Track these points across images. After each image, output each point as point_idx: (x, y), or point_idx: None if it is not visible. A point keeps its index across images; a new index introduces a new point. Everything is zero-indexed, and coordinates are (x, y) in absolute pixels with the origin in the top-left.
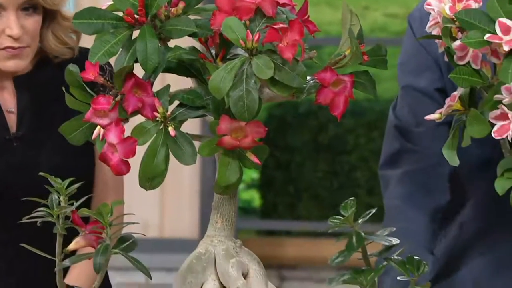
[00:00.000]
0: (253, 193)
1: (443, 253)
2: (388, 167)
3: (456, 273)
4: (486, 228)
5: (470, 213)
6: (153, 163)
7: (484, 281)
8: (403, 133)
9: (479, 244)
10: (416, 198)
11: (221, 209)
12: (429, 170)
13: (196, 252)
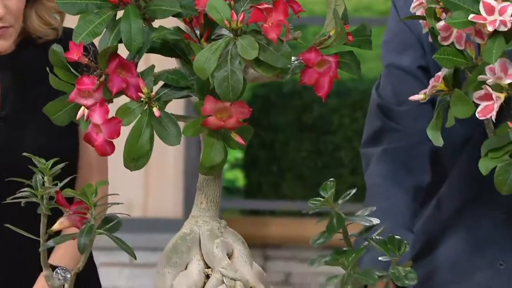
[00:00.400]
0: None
1: (422, 231)
2: (369, 145)
3: (435, 251)
4: (464, 206)
5: (448, 191)
6: (137, 144)
7: (462, 259)
8: (385, 112)
9: (458, 222)
10: (397, 176)
11: (206, 190)
12: (410, 149)
13: (181, 233)
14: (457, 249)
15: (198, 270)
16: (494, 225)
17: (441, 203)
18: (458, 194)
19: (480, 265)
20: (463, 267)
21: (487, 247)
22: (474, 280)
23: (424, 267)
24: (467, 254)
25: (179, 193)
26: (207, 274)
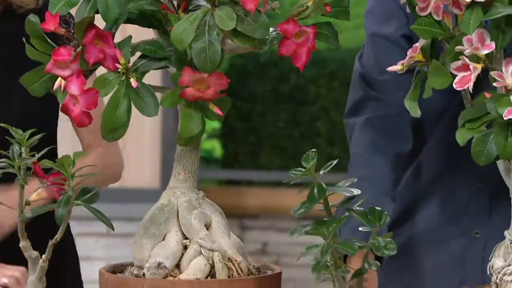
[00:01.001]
0: (214, 143)
1: (400, 198)
2: (352, 115)
3: (412, 218)
4: (441, 175)
5: (426, 159)
6: (115, 115)
7: (438, 227)
8: (368, 81)
9: (434, 190)
10: (378, 145)
11: (184, 161)
12: (392, 118)
13: (159, 204)
14: (433, 217)
15: (176, 241)
16: (470, 195)
17: (419, 171)
18: (435, 163)
19: (455, 234)
20: (438, 235)
21: (463, 216)
22: (449, 249)
23: (401, 235)
24: (443, 223)
25: (156, 164)
26: (185, 245)
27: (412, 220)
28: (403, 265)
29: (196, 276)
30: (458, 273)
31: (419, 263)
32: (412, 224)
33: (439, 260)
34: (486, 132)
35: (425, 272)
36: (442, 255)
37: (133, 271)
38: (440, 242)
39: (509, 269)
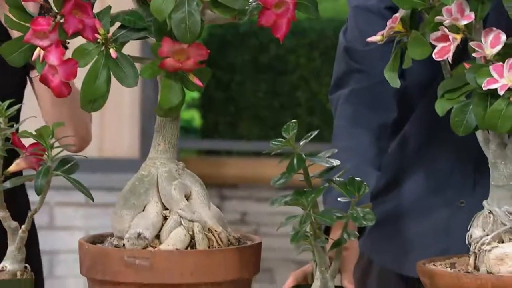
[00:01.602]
0: (193, 113)
1: (385, 168)
2: (336, 89)
3: (397, 189)
4: (426, 145)
5: (411, 129)
6: (94, 85)
7: (423, 197)
8: (351, 54)
9: (419, 161)
10: (361, 116)
11: (164, 132)
12: (375, 88)
13: (139, 174)
14: (418, 188)
15: (156, 212)
16: (454, 165)
17: (404, 141)
18: (420, 134)
19: (440, 204)
20: (423, 205)
21: (447, 187)
22: (434, 218)
23: (387, 204)
24: (427, 193)
25: (136, 133)
26: (165, 215)
27: (397, 190)
28: (389, 233)
29: (176, 246)
30: (442, 242)
31: (404, 231)
32: (397, 194)
33: (424, 229)
34: (465, 103)
35: (410, 241)
36: (427, 224)
37: (113, 242)
38: (425, 211)
39: (487, 238)
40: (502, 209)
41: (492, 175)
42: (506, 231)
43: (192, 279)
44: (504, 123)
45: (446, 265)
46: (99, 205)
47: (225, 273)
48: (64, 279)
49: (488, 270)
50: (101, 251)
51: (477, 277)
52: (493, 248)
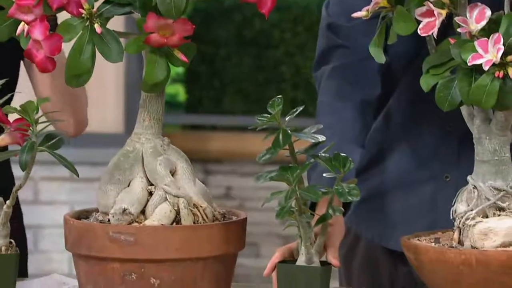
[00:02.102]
0: (178, 87)
1: (370, 144)
2: (320, 66)
3: (382, 164)
4: (410, 120)
5: (396, 104)
6: (79, 60)
7: (408, 172)
8: (334, 30)
9: (404, 135)
10: (345, 92)
11: (149, 107)
12: (359, 64)
13: (124, 150)
14: (402, 163)
15: (141, 187)
16: (439, 140)
17: (388, 117)
18: (404, 109)
19: (425, 178)
20: (409, 179)
21: (433, 161)
22: (420, 192)
23: (371, 179)
24: (412, 168)
25: (120, 108)
26: (150, 191)
27: (382, 165)
28: (375, 208)
29: (161, 222)
30: (428, 216)
31: (390, 206)
32: (382, 169)
33: (410, 203)
34: (450, 78)
35: (396, 215)
36: (413, 199)
37: (98, 217)
38: (410, 186)
39: (472, 213)
40: (487, 184)
41: (477, 150)
42: (490, 206)
43: (177, 255)
44: (489, 98)
45: (430, 240)
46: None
47: (211, 248)
48: (48, 253)
49: (472, 245)
50: (86, 227)
51: (461, 252)
52: (477, 223)
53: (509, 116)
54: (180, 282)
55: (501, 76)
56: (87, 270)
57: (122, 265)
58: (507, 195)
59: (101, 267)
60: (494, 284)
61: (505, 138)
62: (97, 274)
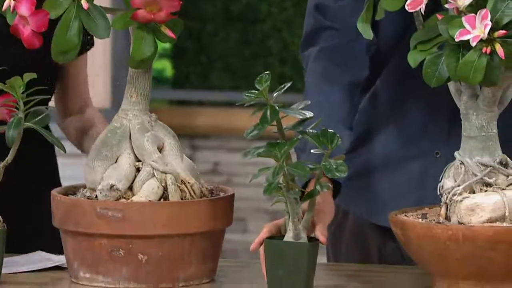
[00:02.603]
0: (165, 63)
1: (358, 123)
2: (307, 46)
3: (370, 142)
4: (399, 98)
5: (383, 84)
6: (66, 36)
7: (397, 149)
8: (321, 10)
9: (393, 113)
10: (332, 73)
11: (136, 83)
12: (346, 45)
13: (111, 126)
14: (392, 139)
15: (129, 164)
16: (429, 117)
17: (376, 95)
18: (392, 87)
19: (414, 155)
20: (398, 156)
21: (422, 138)
22: (409, 169)
23: (359, 157)
24: (401, 145)
25: (107, 83)
26: (138, 167)
27: (371, 143)
28: (364, 185)
29: (149, 198)
30: (418, 192)
31: (379, 183)
32: (371, 147)
33: (400, 180)
34: (437, 54)
35: (386, 192)
36: (402, 175)
37: (86, 193)
38: (400, 162)
39: (459, 189)
40: (474, 160)
41: (464, 126)
42: (477, 182)
43: (165, 231)
44: (476, 74)
45: (417, 216)
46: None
47: (198, 224)
48: None
49: (459, 221)
50: (74, 203)
51: (448, 228)
52: (464, 198)
53: (496, 92)
54: (167, 258)
55: (488, 52)
56: (74, 246)
57: (110, 241)
58: (494, 170)
59: (89, 243)
60: (480, 259)
61: (492, 114)
62: (84, 250)
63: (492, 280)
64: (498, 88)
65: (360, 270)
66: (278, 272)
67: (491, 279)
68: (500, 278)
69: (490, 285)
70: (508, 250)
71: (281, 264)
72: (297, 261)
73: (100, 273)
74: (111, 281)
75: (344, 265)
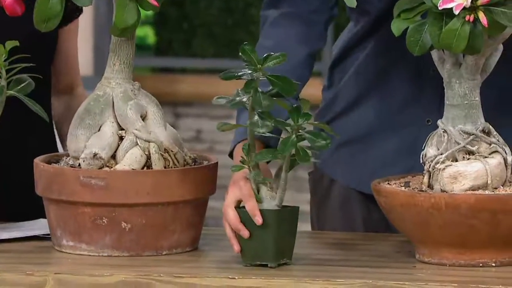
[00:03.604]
0: (147, 30)
1: (346, 91)
2: (269, 7)
3: (359, 109)
4: (390, 66)
5: (374, 50)
6: (48, 5)
7: (387, 117)
8: None
9: (382, 82)
10: (290, 41)
11: (119, 51)
12: (307, 16)
13: (94, 94)
14: (381, 107)
15: (112, 132)
16: (422, 84)
17: (368, 60)
18: (385, 52)
19: (405, 123)
20: (388, 124)
21: (413, 106)
22: (400, 137)
23: (349, 125)
24: (392, 112)
25: (89, 51)
26: (121, 136)
27: (359, 110)
28: (353, 152)
29: (132, 166)
30: (408, 160)
31: (368, 151)
32: (359, 114)
33: (389, 147)
34: (421, 22)
35: (376, 160)
36: (393, 143)
37: (69, 162)
38: (390, 129)
39: (442, 157)
40: (456, 128)
41: (447, 94)
42: (460, 150)
43: (148, 199)
44: (459, 42)
45: (400, 184)
46: None
47: (181, 193)
48: None
49: (442, 189)
50: (57, 171)
51: (430, 196)
52: (447, 166)
53: (479, 60)
54: (150, 226)
55: (471, 20)
56: (57, 214)
57: (93, 209)
58: (477, 139)
59: (72, 211)
60: (463, 227)
61: (475, 82)
62: (67, 218)
63: (473, 247)
64: (481, 56)
65: (344, 238)
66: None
67: (473, 247)
68: (482, 246)
69: (472, 252)
70: (490, 218)
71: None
72: (279, 227)
73: (83, 241)
74: (94, 249)
75: (328, 233)
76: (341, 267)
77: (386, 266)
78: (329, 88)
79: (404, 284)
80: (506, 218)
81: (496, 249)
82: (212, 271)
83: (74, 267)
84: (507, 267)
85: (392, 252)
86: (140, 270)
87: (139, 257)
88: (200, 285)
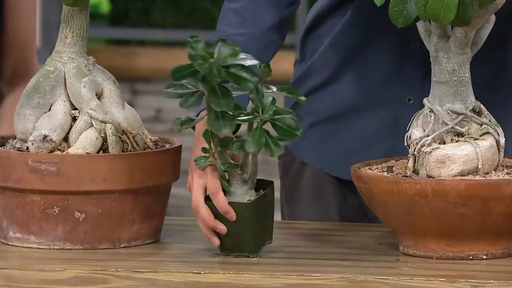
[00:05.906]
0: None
1: (321, 64)
2: None
3: (335, 85)
4: (369, 39)
5: (352, 20)
6: None
7: (365, 94)
8: None
9: (360, 56)
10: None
11: (71, 23)
12: None
13: (44, 70)
14: (359, 83)
15: (64, 112)
16: (403, 59)
17: (345, 32)
18: (364, 24)
19: (384, 100)
20: (366, 102)
21: (394, 82)
22: (380, 115)
23: (322, 103)
24: (370, 89)
25: (37, 21)
26: (74, 116)
27: (335, 87)
28: (327, 133)
29: (86, 150)
30: (387, 141)
31: (344, 131)
32: (335, 91)
33: (367, 127)
34: None
35: (352, 141)
36: (370, 122)
37: (16, 145)
38: (368, 108)
39: (428, 139)
40: (444, 107)
41: (434, 70)
42: (448, 131)
43: (104, 186)
44: (447, 12)
45: (382, 169)
46: None
47: (142, 179)
48: None
49: (428, 174)
50: (2, 155)
51: (416, 182)
52: (434, 149)
53: (469, 32)
54: (107, 216)
55: None
56: (3, 203)
57: (43, 197)
58: (466, 119)
59: (20, 199)
60: (451, 215)
61: (465, 56)
62: (14, 208)
63: (463, 238)
64: (471, 27)
65: (319, 228)
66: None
67: (462, 237)
68: (472, 237)
69: (461, 243)
70: (481, 206)
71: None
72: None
73: (32, 233)
74: (45, 242)
75: (301, 223)
76: (316, 260)
77: (366, 260)
78: (301, 62)
79: (387, 279)
80: (498, 206)
81: (487, 240)
82: (175, 265)
83: (22, 262)
84: (499, 260)
85: (373, 244)
86: (96, 264)
87: (95, 250)
88: (161, 280)
